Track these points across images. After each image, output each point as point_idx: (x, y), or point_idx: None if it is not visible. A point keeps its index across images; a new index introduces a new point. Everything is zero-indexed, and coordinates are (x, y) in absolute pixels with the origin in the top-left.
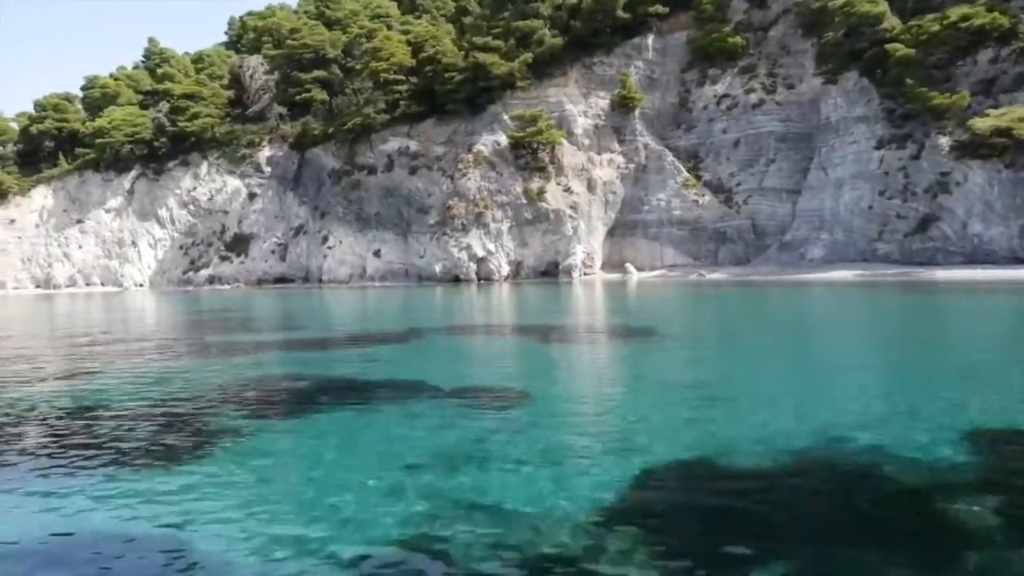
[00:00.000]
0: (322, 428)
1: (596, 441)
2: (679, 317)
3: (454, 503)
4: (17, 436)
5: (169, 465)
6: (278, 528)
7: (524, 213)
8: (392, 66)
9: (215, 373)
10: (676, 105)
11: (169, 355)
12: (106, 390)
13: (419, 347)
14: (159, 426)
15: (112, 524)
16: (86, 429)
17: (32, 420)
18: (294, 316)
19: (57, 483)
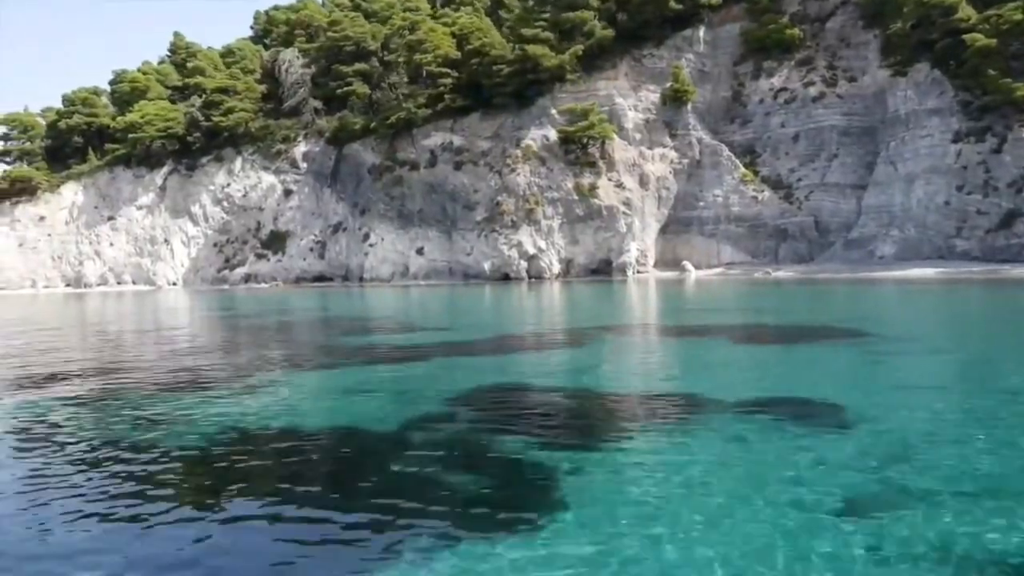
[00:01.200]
0: (684, 450)
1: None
2: (847, 315)
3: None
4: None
5: (521, 520)
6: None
7: (575, 210)
8: (437, 59)
9: (463, 387)
10: (729, 99)
11: (389, 363)
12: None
13: (616, 350)
14: (489, 466)
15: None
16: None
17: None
18: (413, 316)
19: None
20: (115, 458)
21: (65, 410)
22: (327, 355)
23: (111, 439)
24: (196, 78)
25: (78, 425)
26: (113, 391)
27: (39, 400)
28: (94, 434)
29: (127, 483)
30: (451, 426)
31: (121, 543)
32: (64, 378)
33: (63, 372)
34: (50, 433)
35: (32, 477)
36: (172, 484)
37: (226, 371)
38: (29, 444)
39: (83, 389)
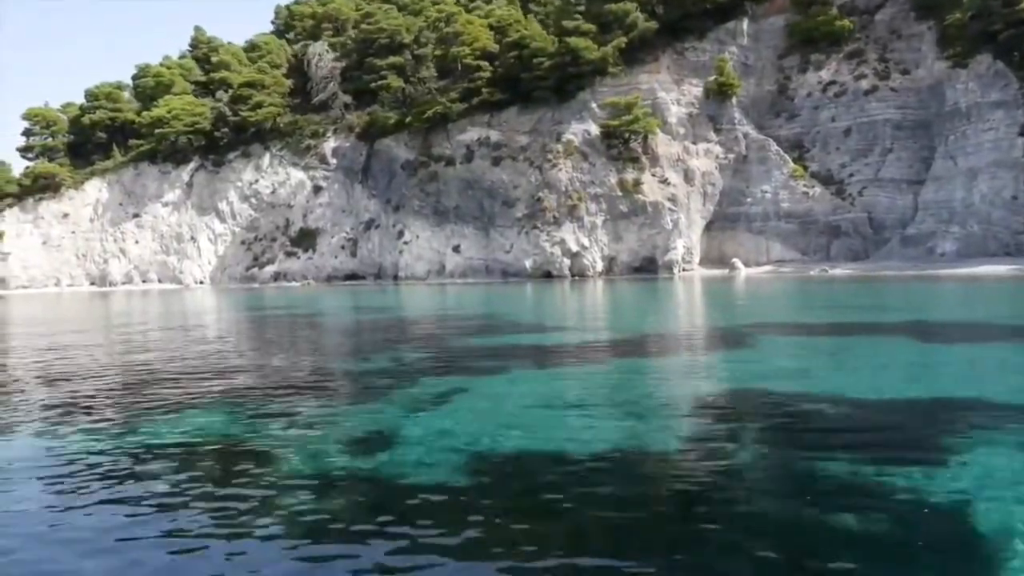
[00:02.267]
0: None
1: None
2: (993, 312)
3: None
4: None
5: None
6: None
7: (619, 206)
8: (474, 51)
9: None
10: (774, 93)
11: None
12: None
13: (804, 350)
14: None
15: None
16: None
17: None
18: (516, 314)
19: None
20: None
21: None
22: (485, 359)
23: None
24: (221, 72)
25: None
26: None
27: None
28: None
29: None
30: (734, 446)
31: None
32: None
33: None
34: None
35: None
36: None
37: (397, 381)
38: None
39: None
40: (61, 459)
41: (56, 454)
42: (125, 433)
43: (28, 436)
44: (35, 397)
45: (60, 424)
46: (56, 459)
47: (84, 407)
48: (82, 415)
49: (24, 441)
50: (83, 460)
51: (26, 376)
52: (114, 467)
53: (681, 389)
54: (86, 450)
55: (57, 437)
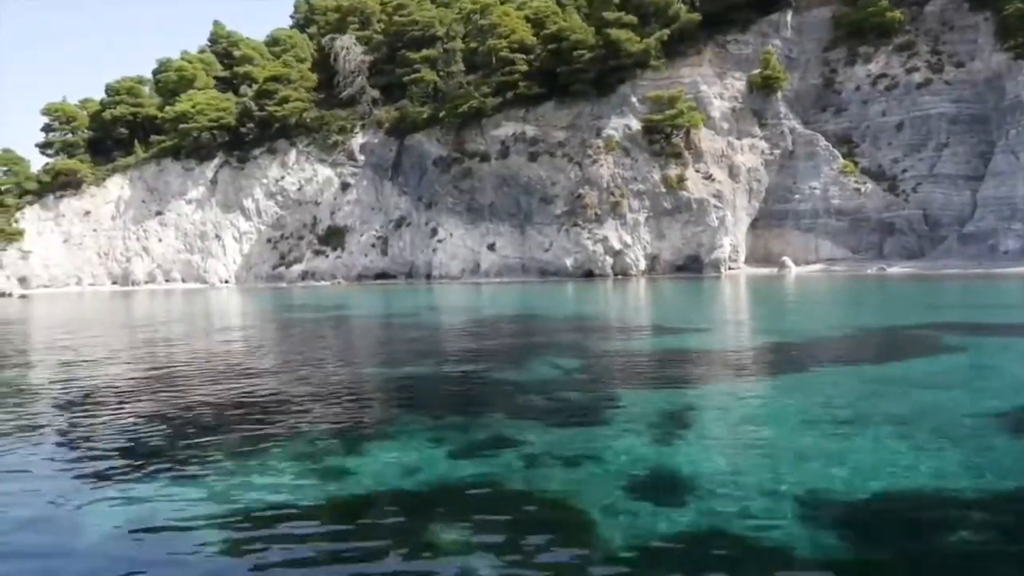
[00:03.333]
0: None
1: None
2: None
3: None
4: None
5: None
6: None
7: (662, 202)
8: (512, 44)
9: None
10: (819, 87)
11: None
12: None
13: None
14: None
15: None
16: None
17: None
18: (616, 315)
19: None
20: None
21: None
22: (663, 366)
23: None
24: (245, 67)
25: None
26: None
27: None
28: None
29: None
30: None
31: None
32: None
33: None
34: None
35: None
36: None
37: (592, 396)
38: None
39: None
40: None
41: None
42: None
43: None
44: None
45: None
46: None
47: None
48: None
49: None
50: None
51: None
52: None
53: (951, 401)
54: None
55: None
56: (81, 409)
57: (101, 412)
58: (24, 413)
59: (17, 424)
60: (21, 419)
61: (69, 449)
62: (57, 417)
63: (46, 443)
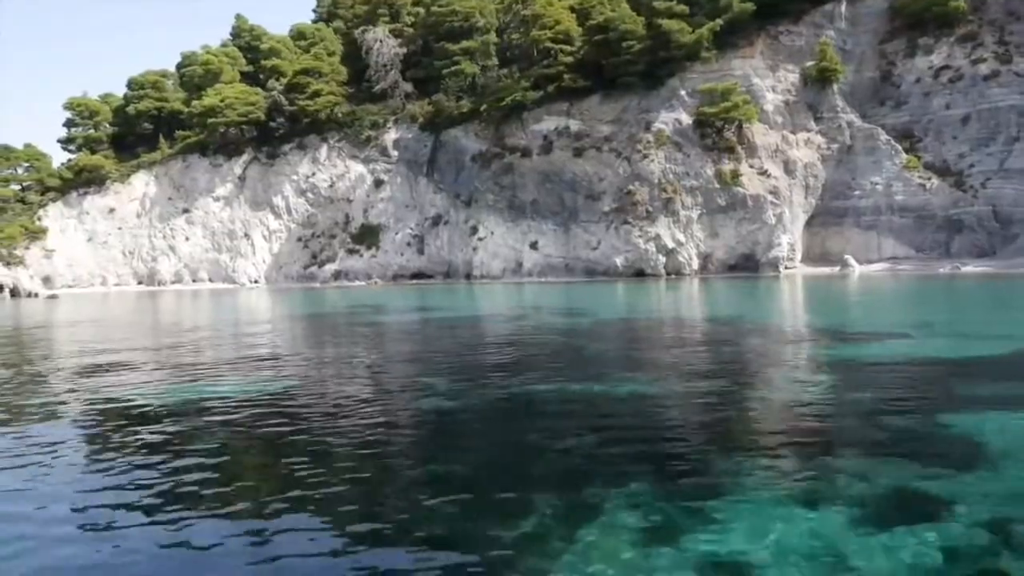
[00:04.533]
0: None
1: None
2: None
3: None
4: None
5: None
6: None
7: (716, 199)
8: (557, 35)
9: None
10: (876, 79)
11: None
12: None
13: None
14: None
15: None
16: None
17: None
18: (753, 317)
19: None
20: None
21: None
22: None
23: None
24: (272, 60)
25: None
26: None
27: None
28: None
29: None
30: None
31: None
32: None
33: None
34: None
35: None
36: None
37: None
38: None
39: None
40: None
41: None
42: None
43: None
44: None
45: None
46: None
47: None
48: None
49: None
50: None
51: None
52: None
53: None
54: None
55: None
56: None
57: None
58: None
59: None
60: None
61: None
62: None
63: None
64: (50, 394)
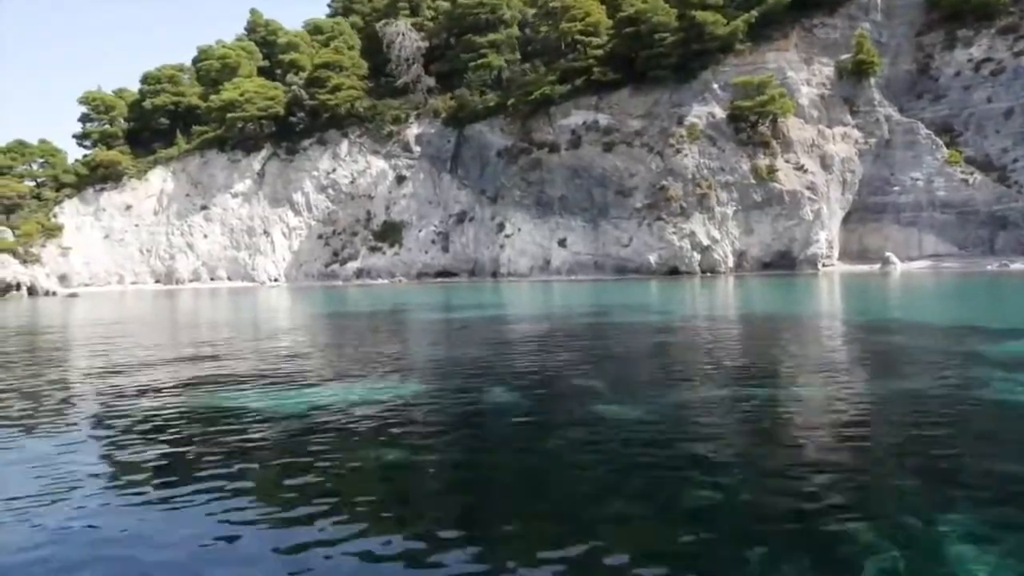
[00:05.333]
0: None
1: None
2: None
3: None
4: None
5: None
6: None
7: (752, 195)
8: (587, 27)
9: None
10: (914, 72)
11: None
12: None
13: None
14: None
15: None
16: None
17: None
18: (834, 313)
19: None
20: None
21: None
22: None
23: None
24: (290, 54)
25: None
26: None
27: None
28: None
29: None
30: None
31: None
32: None
33: None
34: None
35: None
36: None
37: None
38: None
39: None
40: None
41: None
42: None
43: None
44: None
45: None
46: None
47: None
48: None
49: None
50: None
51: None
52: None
53: None
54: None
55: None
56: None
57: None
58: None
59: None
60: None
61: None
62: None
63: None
64: (146, 408)
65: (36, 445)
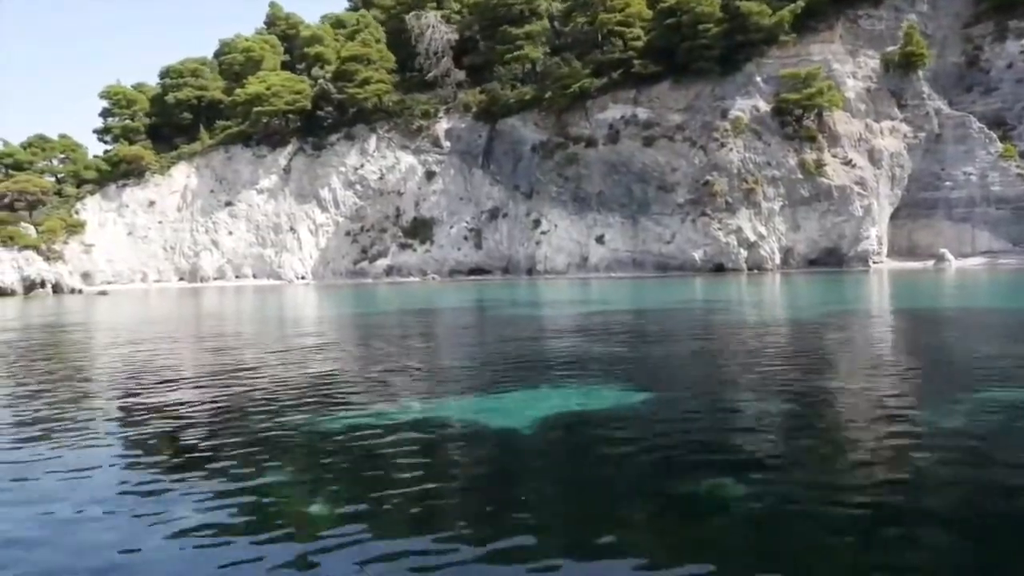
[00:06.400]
0: None
1: None
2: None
3: None
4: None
5: None
6: None
7: (799, 190)
8: (627, 18)
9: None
10: (962, 65)
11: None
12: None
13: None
14: None
15: None
16: None
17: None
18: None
19: None
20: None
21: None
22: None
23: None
24: (315, 47)
25: None
26: None
27: None
28: None
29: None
30: None
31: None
32: None
33: None
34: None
35: None
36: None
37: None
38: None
39: None
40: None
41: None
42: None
43: None
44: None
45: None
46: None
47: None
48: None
49: None
50: None
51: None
52: None
53: None
54: None
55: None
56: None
57: None
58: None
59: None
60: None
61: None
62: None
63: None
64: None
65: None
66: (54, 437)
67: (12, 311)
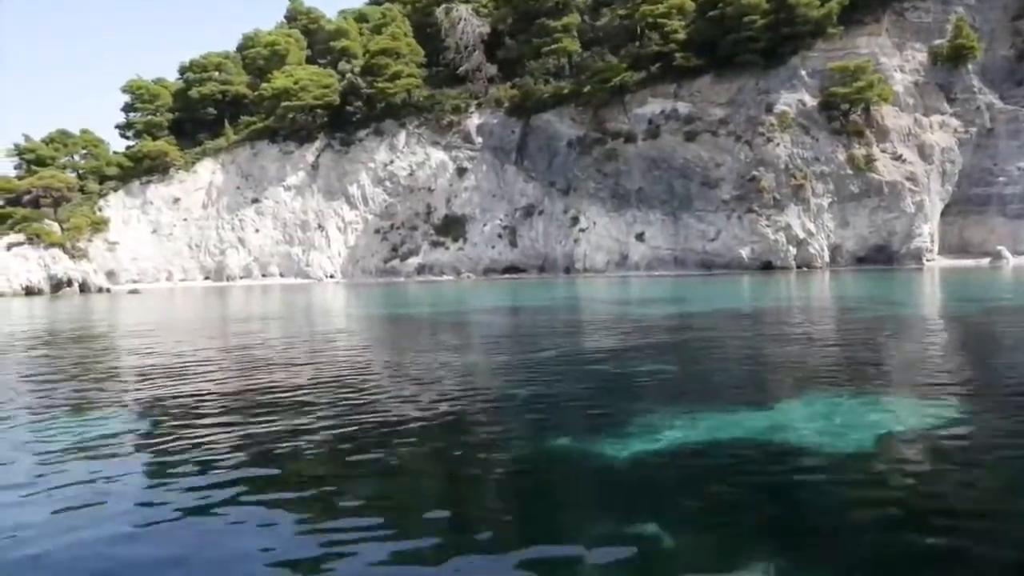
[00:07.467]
0: None
1: None
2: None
3: None
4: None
5: None
6: None
7: (848, 186)
8: (670, 9)
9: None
10: (1011, 59)
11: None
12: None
13: None
14: None
15: None
16: None
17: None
18: None
19: None
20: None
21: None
22: None
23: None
24: (342, 41)
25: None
26: None
27: None
28: None
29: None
30: None
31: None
32: None
33: None
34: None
35: None
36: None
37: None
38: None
39: None
40: None
41: None
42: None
43: None
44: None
45: None
46: None
47: None
48: None
49: None
50: None
51: None
52: None
53: None
54: None
55: None
56: None
57: None
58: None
59: None
60: None
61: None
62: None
63: None
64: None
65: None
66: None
67: (64, 312)
